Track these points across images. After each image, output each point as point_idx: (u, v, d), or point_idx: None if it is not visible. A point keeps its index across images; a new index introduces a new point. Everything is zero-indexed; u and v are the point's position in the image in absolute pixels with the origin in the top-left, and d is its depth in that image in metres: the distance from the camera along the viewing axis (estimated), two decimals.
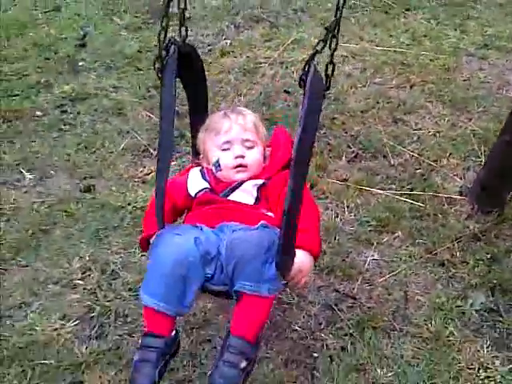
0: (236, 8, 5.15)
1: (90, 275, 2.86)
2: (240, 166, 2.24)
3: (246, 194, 2.20)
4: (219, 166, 2.25)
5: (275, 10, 5.22)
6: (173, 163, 3.40)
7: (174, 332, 2.03)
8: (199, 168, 2.33)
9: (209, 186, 2.23)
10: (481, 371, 2.50)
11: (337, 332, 2.66)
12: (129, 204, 3.24)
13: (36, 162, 3.53)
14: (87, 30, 4.81)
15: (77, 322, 2.67)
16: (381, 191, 3.37)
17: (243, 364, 1.90)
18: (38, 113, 3.93)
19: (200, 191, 2.23)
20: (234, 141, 2.25)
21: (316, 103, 1.81)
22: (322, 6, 5.13)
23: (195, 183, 2.26)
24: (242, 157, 2.24)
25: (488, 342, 2.60)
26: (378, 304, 2.78)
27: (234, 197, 2.20)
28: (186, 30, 2.06)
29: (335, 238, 3.08)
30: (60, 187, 3.37)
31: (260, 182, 2.22)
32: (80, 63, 4.46)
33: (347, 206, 3.27)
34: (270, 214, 2.17)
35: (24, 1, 5.32)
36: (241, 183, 2.22)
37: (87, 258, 2.94)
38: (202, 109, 2.40)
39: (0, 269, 2.89)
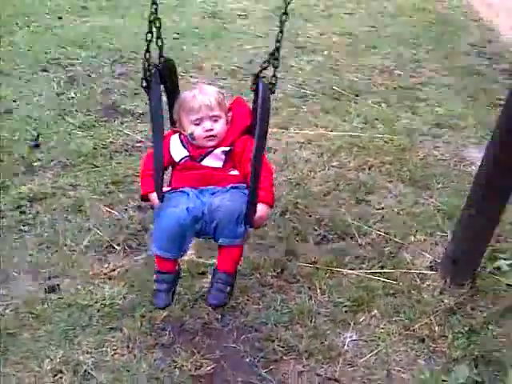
0: None
1: (62, 377, 2.72)
2: (210, 136, 2.86)
3: (216, 159, 2.87)
4: (193, 137, 2.87)
5: None
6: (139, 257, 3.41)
7: (176, 267, 2.83)
8: (177, 134, 2.95)
9: (188, 154, 2.88)
10: None
11: None
12: (96, 302, 3.12)
13: None
14: (39, 130, 4.75)
15: None
16: (351, 271, 3.36)
17: (228, 289, 2.75)
18: None
19: (183, 158, 2.88)
20: (204, 118, 2.87)
21: (267, 100, 2.59)
22: None
23: (177, 150, 2.90)
24: (211, 130, 2.86)
25: None
26: None
27: (207, 161, 2.86)
28: (162, 56, 2.78)
29: (311, 321, 3.02)
30: (24, 289, 3.23)
31: (227, 148, 2.87)
32: (35, 163, 4.37)
33: (320, 288, 3.23)
34: (235, 172, 2.87)
35: None
36: (212, 150, 2.87)
37: (58, 360, 2.79)
38: (175, 95, 3.02)
39: None
